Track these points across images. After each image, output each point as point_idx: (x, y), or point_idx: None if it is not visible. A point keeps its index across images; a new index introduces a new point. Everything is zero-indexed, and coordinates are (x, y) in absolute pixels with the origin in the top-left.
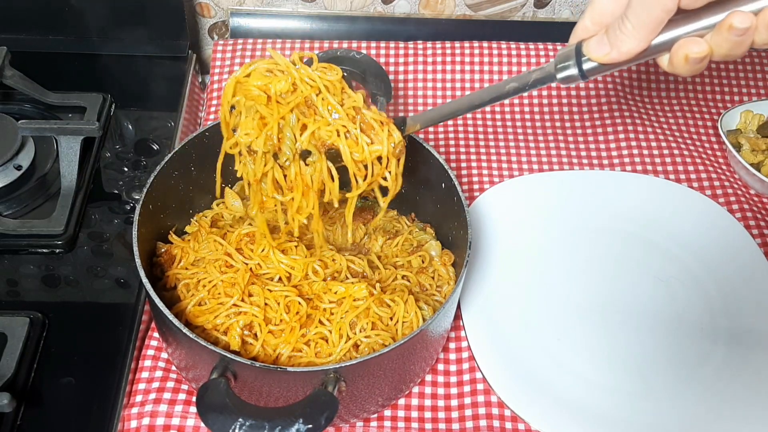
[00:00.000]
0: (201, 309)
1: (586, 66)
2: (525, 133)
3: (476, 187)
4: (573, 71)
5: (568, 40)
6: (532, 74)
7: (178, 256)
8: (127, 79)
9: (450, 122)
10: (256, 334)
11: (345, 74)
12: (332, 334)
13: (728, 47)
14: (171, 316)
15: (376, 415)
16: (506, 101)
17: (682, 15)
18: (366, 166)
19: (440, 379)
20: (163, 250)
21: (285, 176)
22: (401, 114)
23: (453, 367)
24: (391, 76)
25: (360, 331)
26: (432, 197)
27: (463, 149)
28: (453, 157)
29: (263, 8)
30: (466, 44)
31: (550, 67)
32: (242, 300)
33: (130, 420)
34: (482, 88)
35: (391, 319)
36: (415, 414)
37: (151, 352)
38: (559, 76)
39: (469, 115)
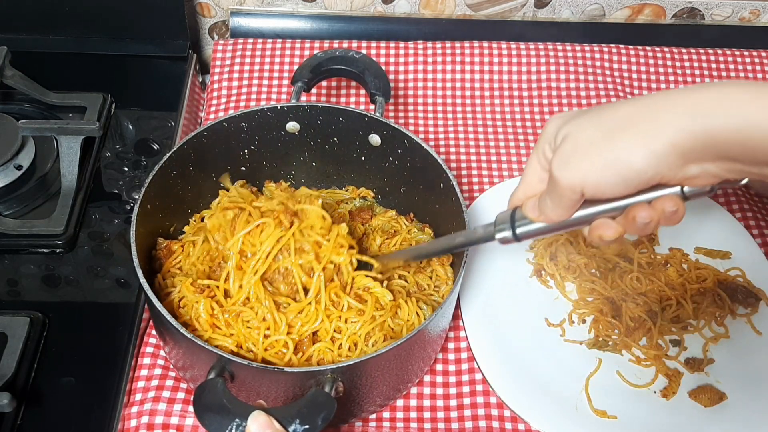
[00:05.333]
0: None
1: (518, 230)
2: (525, 133)
3: (476, 187)
4: (508, 234)
5: (509, 202)
6: (477, 232)
7: (177, 252)
8: (127, 79)
9: (450, 122)
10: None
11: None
12: (343, 341)
13: (635, 230)
14: (169, 316)
15: (374, 416)
16: (506, 100)
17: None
18: None
19: (439, 379)
20: (163, 245)
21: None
22: (401, 114)
23: (452, 368)
24: (391, 76)
25: (372, 345)
26: (431, 197)
27: (463, 149)
28: (453, 157)
29: (263, 8)
30: (466, 44)
31: (490, 228)
32: (217, 327)
33: (129, 419)
34: (436, 240)
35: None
36: (414, 414)
37: (149, 350)
38: (497, 237)
39: (469, 115)
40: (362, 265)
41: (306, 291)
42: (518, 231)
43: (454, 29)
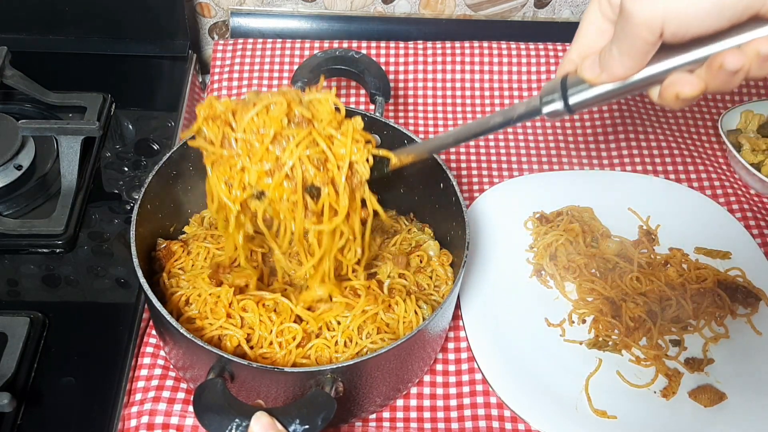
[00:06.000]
0: (193, 324)
1: (572, 100)
2: (525, 133)
3: (476, 187)
4: (558, 105)
5: (558, 69)
6: (516, 109)
7: (178, 253)
8: (127, 79)
9: (450, 122)
10: (252, 346)
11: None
12: (339, 337)
13: (720, 84)
14: (168, 316)
15: (374, 416)
16: (506, 100)
17: (672, 48)
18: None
19: (439, 379)
20: (162, 246)
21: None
22: (401, 114)
23: (452, 368)
24: (391, 76)
25: (366, 337)
26: (430, 197)
27: (463, 149)
28: (453, 157)
29: (263, 8)
30: (466, 44)
31: (535, 101)
32: (229, 315)
33: (129, 419)
34: (466, 123)
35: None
36: (414, 414)
37: (149, 350)
38: (545, 110)
39: (469, 115)
40: (378, 163)
41: (311, 193)
42: (571, 100)
43: (454, 29)
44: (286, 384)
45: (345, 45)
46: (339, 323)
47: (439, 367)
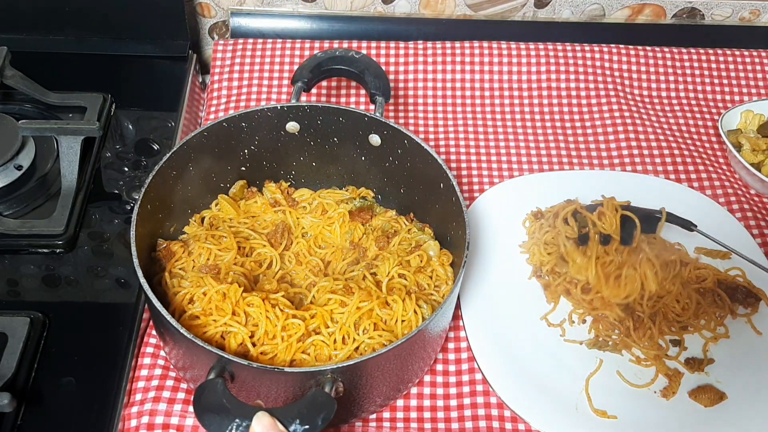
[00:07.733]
0: (197, 321)
1: None
2: (525, 133)
3: (476, 187)
4: None
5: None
6: None
7: (179, 254)
8: (127, 79)
9: (450, 122)
10: (254, 343)
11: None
12: (336, 334)
13: None
14: (169, 316)
15: (374, 416)
16: (506, 100)
17: None
18: None
19: (439, 379)
20: (163, 246)
21: None
22: (401, 114)
23: (452, 368)
24: (391, 76)
25: (363, 332)
26: (431, 197)
27: (463, 149)
28: (453, 157)
29: (263, 8)
30: (466, 44)
31: None
32: (234, 313)
33: (129, 419)
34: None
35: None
36: (414, 414)
37: (149, 350)
38: None
39: (469, 115)
40: None
41: None
42: None
43: (454, 29)
44: (286, 384)
45: (345, 45)
46: (336, 321)
47: (439, 367)
